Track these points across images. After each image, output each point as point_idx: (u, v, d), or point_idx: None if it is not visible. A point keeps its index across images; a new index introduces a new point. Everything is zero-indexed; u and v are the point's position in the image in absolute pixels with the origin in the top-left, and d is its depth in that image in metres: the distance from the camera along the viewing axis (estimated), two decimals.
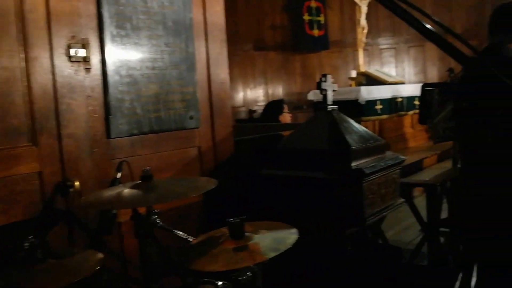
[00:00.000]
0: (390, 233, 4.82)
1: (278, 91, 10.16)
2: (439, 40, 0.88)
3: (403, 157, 3.00)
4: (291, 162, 2.90)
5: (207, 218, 2.95)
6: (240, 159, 3.21)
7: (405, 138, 7.35)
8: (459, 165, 3.49)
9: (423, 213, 3.82)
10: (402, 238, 4.71)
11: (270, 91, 10.04)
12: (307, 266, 2.81)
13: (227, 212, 1.88)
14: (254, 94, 9.85)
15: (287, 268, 2.45)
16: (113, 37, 2.47)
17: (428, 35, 0.96)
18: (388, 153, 3.07)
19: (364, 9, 8.03)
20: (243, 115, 9.48)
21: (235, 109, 9.42)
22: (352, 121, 3.04)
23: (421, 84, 4.39)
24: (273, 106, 5.75)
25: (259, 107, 9.22)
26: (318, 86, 2.99)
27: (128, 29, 2.55)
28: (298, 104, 9.69)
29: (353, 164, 2.69)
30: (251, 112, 9.39)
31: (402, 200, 3.07)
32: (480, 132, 2.18)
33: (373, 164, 2.74)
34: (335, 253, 2.80)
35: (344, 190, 2.67)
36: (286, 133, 3.30)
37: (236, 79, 9.48)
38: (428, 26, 0.99)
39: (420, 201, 4.13)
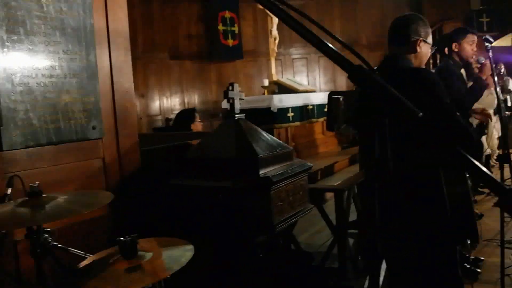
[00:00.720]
0: (303, 236, 4.90)
1: (194, 99, 10.12)
2: (327, 49, 0.90)
3: (309, 164, 3.06)
4: (198, 171, 2.87)
5: (115, 232, 2.84)
6: (149, 169, 3.12)
7: (316, 144, 7.56)
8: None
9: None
10: (315, 241, 4.79)
11: (186, 99, 9.97)
12: (218, 276, 2.77)
13: (136, 225, 1.80)
14: (170, 103, 9.74)
15: (196, 279, 2.40)
16: (3, 42, 2.31)
17: (316, 44, 0.97)
18: (296, 160, 3.11)
19: (275, 19, 8.16)
20: (159, 123, 9.34)
21: (151, 117, 9.27)
22: (259, 129, 3.05)
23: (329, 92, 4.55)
24: (185, 115, 5.69)
25: (175, 115, 9.13)
26: (225, 95, 2.99)
27: (21, 34, 2.40)
28: (214, 112, 9.71)
29: (261, 172, 2.70)
30: (168, 120, 9.27)
31: (311, 206, 3.12)
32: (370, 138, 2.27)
33: (281, 171, 2.76)
34: (246, 261, 2.79)
35: (252, 199, 2.67)
36: (195, 142, 3.26)
37: (152, 87, 9.34)
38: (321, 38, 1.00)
39: (332, 205, 4.23)
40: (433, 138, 2.08)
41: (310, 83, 10.74)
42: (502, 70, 8.21)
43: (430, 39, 2.32)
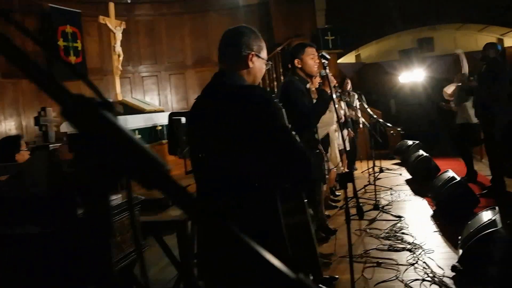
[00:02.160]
0: (153, 270, 4.50)
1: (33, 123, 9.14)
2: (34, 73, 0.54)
3: (140, 197, 2.69)
4: (2, 214, 2.34)
5: None
6: None
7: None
8: None
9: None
10: (165, 275, 4.41)
11: (24, 123, 8.95)
12: None
13: None
14: (4, 127, 8.64)
15: None
16: None
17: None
18: (124, 193, 2.72)
19: (118, 36, 7.71)
20: None
21: None
22: None
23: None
24: (7, 144, 4.93)
25: None
26: (36, 122, 2.51)
27: None
28: (56, 136, 8.83)
29: (80, 211, 2.27)
30: None
31: (146, 243, 2.74)
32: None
33: None
34: None
35: (65, 244, 2.22)
36: (2, 178, 2.71)
37: None
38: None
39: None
40: (265, 167, 1.85)
41: (162, 102, 10.38)
42: (349, 86, 8.57)
43: (264, 54, 2.09)
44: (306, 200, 2.17)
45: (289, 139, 1.85)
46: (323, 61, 2.98)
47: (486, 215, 3.89)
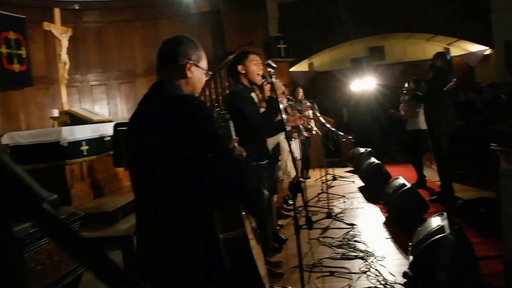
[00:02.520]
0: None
1: None
2: None
3: (80, 213, 2.55)
4: None
5: None
6: None
7: (118, 177, 6.99)
8: None
9: None
10: None
11: None
12: None
13: None
14: None
15: None
16: None
17: None
18: (65, 209, 2.57)
19: (65, 43, 7.44)
20: None
21: None
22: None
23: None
24: None
25: None
26: None
27: None
28: None
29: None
30: None
31: None
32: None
33: (36, 229, 2.21)
34: None
35: None
36: None
37: None
38: None
39: None
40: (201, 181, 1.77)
41: (111, 111, 10.10)
42: (300, 94, 8.61)
43: (203, 64, 2.01)
44: (243, 213, 2.09)
45: (223, 150, 1.78)
46: (269, 69, 2.93)
47: (435, 221, 3.92)
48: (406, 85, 7.19)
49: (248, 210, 2.10)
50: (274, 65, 2.90)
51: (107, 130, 6.36)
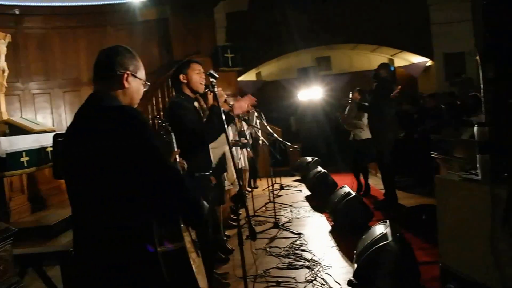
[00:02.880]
0: None
1: None
2: None
3: (13, 229, 2.43)
4: None
5: None
6: None
7: (61, 189, 6.75)
8: None
9: None
10: None
11: None
12: None
13: None
14: None
15: None
16: None
17: None
18: None
19: (3, 49, 7.14)
20: None
21: None
22: None
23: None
24: None
25: None
26: None
27: None
28: None
29: None
30: None
31: (18, 279, 2.48)
32: None
33: None
34: None
35: None
36: None
37: None
38: None
39: None
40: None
41: (55, 121, 9.79)
42: None
43: (141, 74, 1.98)
44: (182, 225, 2.06)
45: (160, 161, 1.74)
46: (211, 79, 2.92)
47: (379, 229, 4.00)
48: (350, 95, 7.33)
49: (187, 222, 2.07)
50: (216, 75, 2.90)
51: (49, 140, 6.13)
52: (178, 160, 2.58)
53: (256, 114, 7.83)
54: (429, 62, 12.50)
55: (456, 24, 10.90)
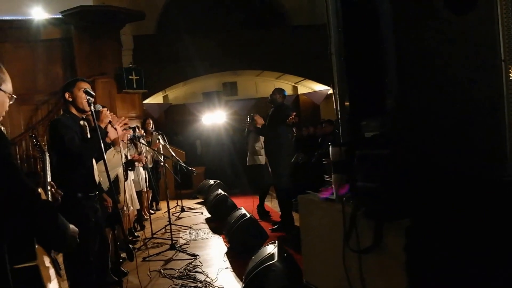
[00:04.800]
0: None
1: None
2: None
3: None
4: None
5: None
6: None
7: None
8: None
9: None
10: None
11: None
12: None
13: None
14: None
15: None
16: None
17: None
18: None
19: None
20: None
21: None
22: None
23: None
24: None
25: None
26: None
27: None
28: None
29: None
30: None
31: None
32: None
33: None
34: None
35: None
36: None
37: None
38: None
39: None
40: None
41: None
42: (151, 126, 8.61)
43: (6, 87, 1.94)
44: (37, 246, 2.05)
45: (11, 173, 1.71)
46: (88, 97, 2.93)
47: (268, 249, 4.11)
48: (248, 118, 7.52)
49: (44, 246, 2.05)
50: (92, 93, 2.92)
51: None
52: (53, 191, 2.50)
53: (159, 136, 7.82)
54: (330, 90, 13.15)
55: None
